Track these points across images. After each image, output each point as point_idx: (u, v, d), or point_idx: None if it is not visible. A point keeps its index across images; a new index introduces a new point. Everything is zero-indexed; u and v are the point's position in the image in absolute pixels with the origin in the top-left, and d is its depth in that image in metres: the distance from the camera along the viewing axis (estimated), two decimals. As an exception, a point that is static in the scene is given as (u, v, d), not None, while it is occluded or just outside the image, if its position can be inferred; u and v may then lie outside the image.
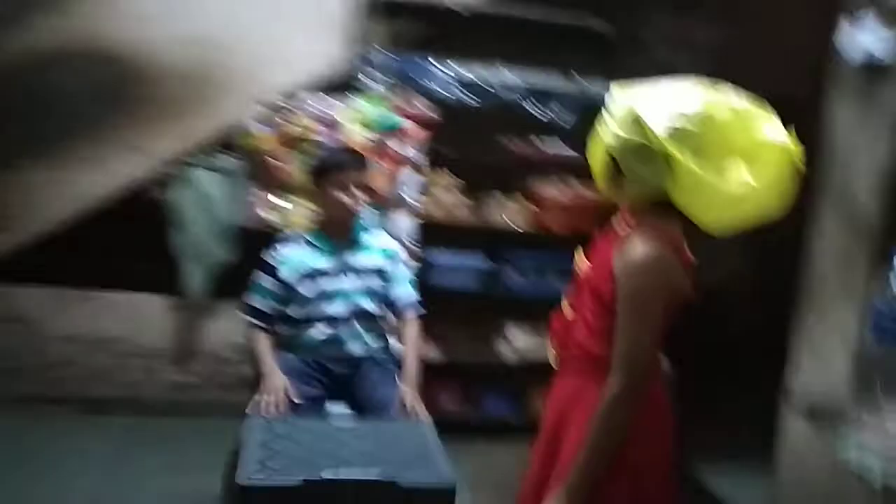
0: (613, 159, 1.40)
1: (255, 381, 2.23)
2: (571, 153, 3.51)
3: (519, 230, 3.45)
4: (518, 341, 3.54)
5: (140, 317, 3.42)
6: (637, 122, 1.34)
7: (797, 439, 2.45)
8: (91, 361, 3.38)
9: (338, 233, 2.37)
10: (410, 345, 2.38)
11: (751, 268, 4.33)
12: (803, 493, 2.40)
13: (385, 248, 2.45)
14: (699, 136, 1.33)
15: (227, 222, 3.38)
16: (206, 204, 3.34)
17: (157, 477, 2.82)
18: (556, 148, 3.51)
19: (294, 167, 3.19)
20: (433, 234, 3.24)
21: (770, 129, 1.38)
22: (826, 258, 2.40)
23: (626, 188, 1.42)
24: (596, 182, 1.48)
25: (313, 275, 2.32)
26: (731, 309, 4.19)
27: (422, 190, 3.15)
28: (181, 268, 3.33)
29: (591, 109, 3.52)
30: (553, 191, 3.45)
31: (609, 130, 1.39)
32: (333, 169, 2.30)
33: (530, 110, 3.35)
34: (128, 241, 3.22)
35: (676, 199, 1.39)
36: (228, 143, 3.32)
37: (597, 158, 1.44)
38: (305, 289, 2.31)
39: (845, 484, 2.08)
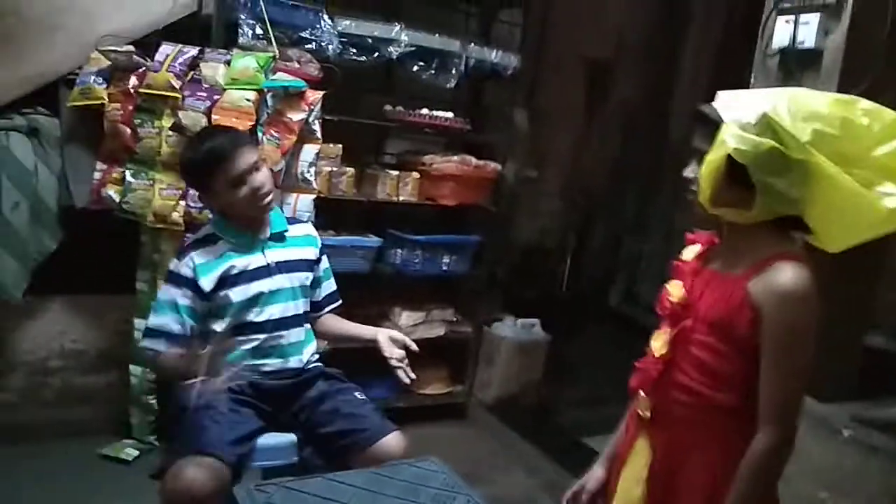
0: (737, 171, 1.19)
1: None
2: (459, 120, 3.31)
3: (405, 203, 3.18)
4: (402, 321, 3.32)
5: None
6: (770, 126, 1.16)
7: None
8: None
9: (254, 228, 1.96)
10: (350, 324, 2.17)
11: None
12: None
13: (308, 235, 2.11)
14: (839, 140, 1.15)
15: (50, 201, 2.66)
16: (22, 177, 2.58)
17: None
18: (443, 115, 3.26)
19: (148, 133, 2.58)
20: (318, 211, 2.84)
21: None
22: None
23: (755, 204, 1.20)
24: (702, 197, 1.24)
25: (239, 277, 1.89)
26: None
27: (316, 164, 2.72)
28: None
29: (480, 77, 3.37)
30: (440, 160, 3.21)
31: (735, 137, 1.17)
32: (217, 164, 1.83)
33: (419, 73, 3.05)
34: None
35: (812, 214, 1.20)
36: (53, 100, 2.58)
37: (711, 170, 1.21)
38: (229, 295, 1.88)
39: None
